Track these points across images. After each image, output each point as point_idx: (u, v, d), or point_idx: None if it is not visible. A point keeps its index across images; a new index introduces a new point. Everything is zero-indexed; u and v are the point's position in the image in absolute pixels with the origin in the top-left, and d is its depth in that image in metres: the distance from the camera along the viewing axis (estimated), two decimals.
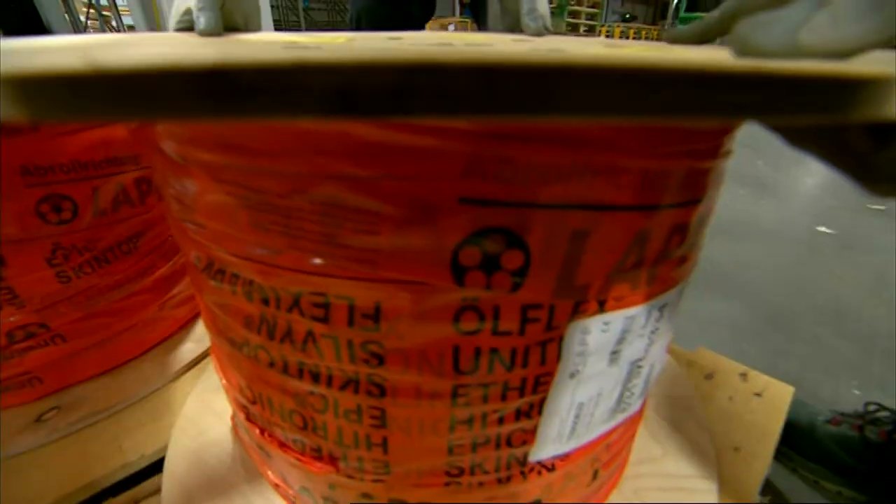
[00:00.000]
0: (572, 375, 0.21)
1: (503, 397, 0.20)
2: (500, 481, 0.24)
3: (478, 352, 0.19)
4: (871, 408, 0.57)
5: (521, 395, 0.21)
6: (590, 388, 0.22)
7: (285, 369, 0.22)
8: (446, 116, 0.07)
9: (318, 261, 0.18)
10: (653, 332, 0.23)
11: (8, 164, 0.33)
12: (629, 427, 0.29)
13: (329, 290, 0.18)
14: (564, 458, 0.25)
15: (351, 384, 0.21)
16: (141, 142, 0.23)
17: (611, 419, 0.25)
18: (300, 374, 0.21)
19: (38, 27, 2.77)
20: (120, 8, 3.44)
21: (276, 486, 0.31)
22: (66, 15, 2.94)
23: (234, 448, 0.35)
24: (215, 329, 0.25)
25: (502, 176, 0.15)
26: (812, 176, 1.94)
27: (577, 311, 0.19)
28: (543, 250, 0.17)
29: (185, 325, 0.49)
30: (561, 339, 0.19)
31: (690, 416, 0.40)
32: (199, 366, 0.45)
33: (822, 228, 1.30)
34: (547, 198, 0.16)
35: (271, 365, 0.22)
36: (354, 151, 0.15)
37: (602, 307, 0.19)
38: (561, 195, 0.16)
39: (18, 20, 2.70)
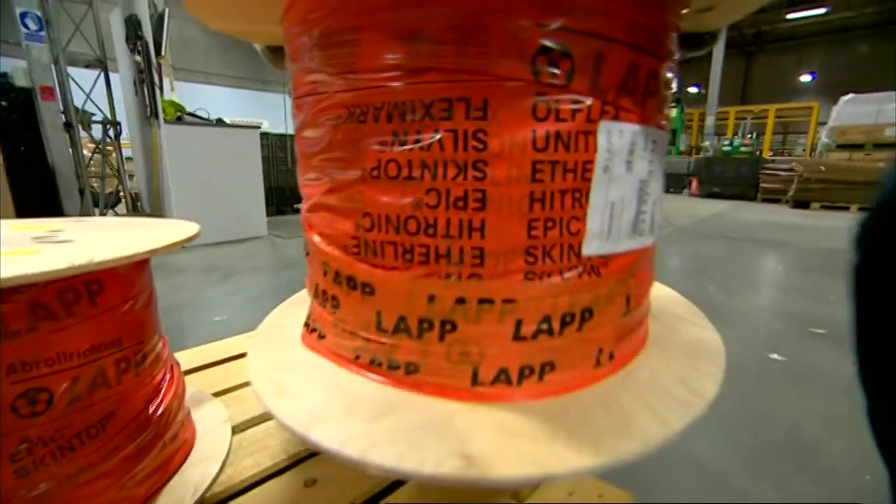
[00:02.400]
0: (605, 170, 0.31)
1: (564, 177, 0.30)
2: (562, 275, 0.32)
3: (547, 134, 0.29)
4: None
5: (575, 177, 0.30)
6: (616, 189, 0.32)
7: (410, 173, 0.30)
8: None
9: (451, 68, 0.28)
10: (650, 162, 0.34)
11: None
12: (646, 266, 0.38)
13: (453, 94, 0.29)
14: (605, 263, 0.33)
15: (461, 174, 0.30)
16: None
17: (632, 238, 0.34)
18: (422, 174, 0.30)
19: (45, 169, 2.98)
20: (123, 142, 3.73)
21: (364, 343, 0.36)
22: (74, 167, 3.19)
23: (307, 354, 0.41)
24: (343, 173, 0.34)
25: (560, 11, 0.28)
26: (760, 299, 2.08)
27: (603, 111, 0.30)
28: (581, 62, 0.29)
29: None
30: (596, 132, 0.30)
31: (693, 312, 0.49)
32: None
33: (774, 355, 1.37)
34: (582, 27, 0.28)
35: (397, 175, 0.31)
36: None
37: (617, 114, 0.30)
38: (589, 28, 0.29)
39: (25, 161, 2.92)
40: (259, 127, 4.03)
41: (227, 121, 4.31)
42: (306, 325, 0.43)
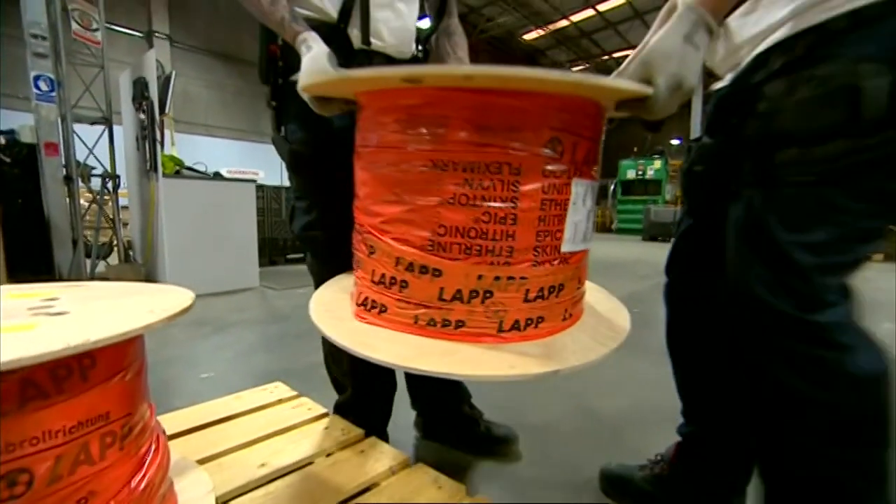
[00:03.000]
0: (573, 204, 0.56)
1: (554, 208, 0.55)
2: (551, 263, 0.56)
3: (549, 184, 0.54)
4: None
5: (560, 208, 0.55)
6: (577, 215, 0.57)
7: (474, 202, 0.53)
8: None
9: (502, 145, 0.52)
10: (592, 200, 0.60)
11: None
12: (586, 261, 0.64)
13: (502, 160, 0.52)
14: (571, 257, 0.58)
15: (504, 203, 0.53)
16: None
17: (583, 243, 0.60)
18: (483, 201, 0.53)
19: (40, 219, 3.00)
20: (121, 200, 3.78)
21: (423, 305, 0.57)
22: (70, 218, 3.23)
23: (366, 325, 0.61)
24: (424, 199, 0.55)
25: (560, 124, 0.54)
26: None
27: (575, 173, 0.56)
28: (567, 147, 0.55)
29: None
30: (571, 184, 0.56)
31: (607, 294, 0.77)
32: None
33: None
34: (569, 131, 0.54)
35: (466, 203, 0.53)
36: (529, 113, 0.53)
37: (581, 174, 0.57)
38: (572, 131, 0.55)
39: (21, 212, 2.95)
40: (255, 181, 4.11)
41: (225, 171, 4.41)
42: (362, 305, 0.63)
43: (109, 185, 4.19)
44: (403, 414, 1.13)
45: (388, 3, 0.89)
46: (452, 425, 1.10)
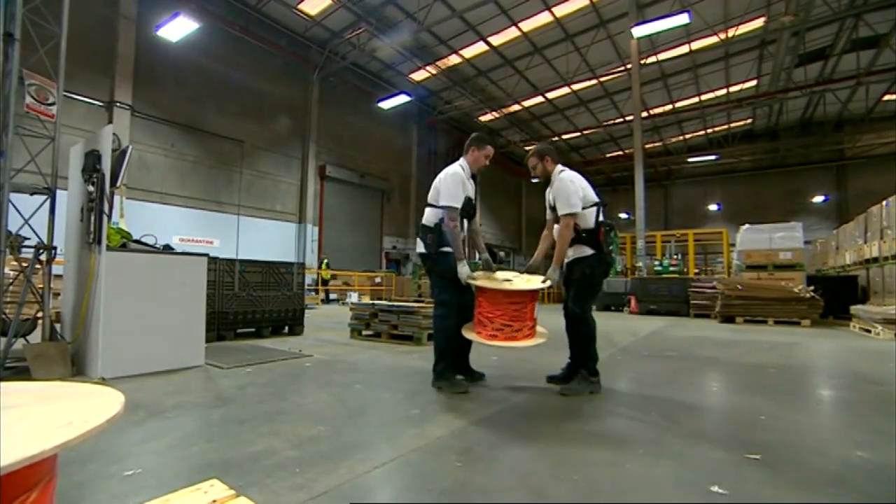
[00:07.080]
0: (535, 308, 2.92)
1: (531, 310, 2.78)
2: (534, 320, 2.82)
3: (531, 305, 2.79)
4: None
5: (532, 309, 2.78)
6: (536, 311, 2.92)
7: (518, 311, 2.70)
8: None
9: (527, 299, 2.80)
10: (536, 308, 2.89)
11: None
12: (537, 321, 2.89)
13: (523, 302, 2.76)
14: (536, 320, 2.86)
15: (522, 313, 2.71)
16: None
17: (537, 317, 2.91)
18: (520, 310, 2.70)
19: None
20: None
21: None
22: None
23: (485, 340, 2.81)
24: (506, 311, 2.71)
25: (532, 295, 2.85)
26: (699, 423, 2.12)
27: (535, 300, 2.89)
28: (535, 298, 2.85)
29: None
30: (535, 302, 2.84)
31: (543, 329, 2.89)
32: None
33: (715, 488, 1.38)
34: (531, 295, 2.82)
35: (516, 311, 2.72)
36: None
37: (536, 301, 2.92)
38: (532, 295, 2.84)
39: None
40: (206, 255, 3.98)
41: (178, 239, 4.26)
42: (489, 336, 2.69)
43: (43, 256, 3.93)
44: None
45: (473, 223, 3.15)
46: (469, 374, 3.06)
